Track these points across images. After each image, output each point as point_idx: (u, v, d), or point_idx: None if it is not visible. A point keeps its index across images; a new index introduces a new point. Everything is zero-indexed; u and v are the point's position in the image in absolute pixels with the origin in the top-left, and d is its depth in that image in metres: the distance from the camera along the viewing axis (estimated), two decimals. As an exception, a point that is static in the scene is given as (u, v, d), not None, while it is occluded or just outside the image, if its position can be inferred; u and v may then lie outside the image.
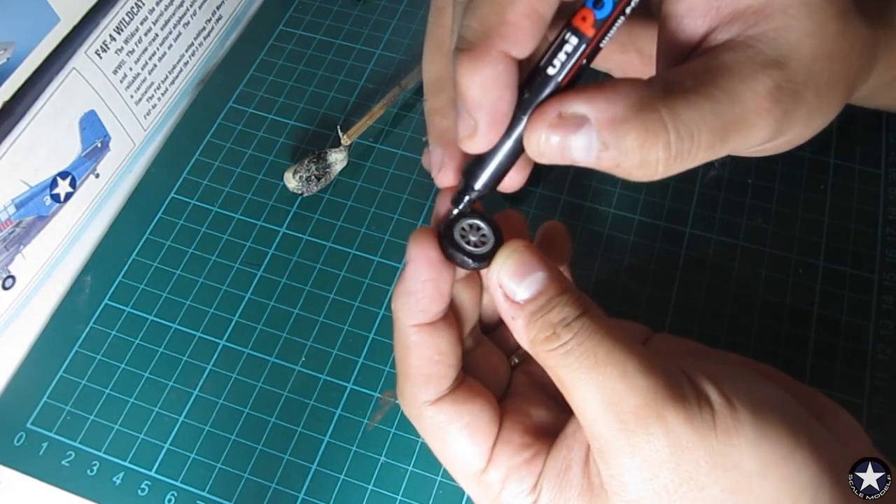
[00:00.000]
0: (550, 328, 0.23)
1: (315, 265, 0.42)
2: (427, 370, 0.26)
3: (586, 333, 0.23)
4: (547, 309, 0.24)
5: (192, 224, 0.43)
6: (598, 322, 0.24)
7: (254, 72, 0.49)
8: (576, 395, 0.23)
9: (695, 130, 0.21)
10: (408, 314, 0.25)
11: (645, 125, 0.21)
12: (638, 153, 0.21)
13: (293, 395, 0.38)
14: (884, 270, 0.40)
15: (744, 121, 0.22)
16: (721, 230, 0.41)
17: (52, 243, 0.41)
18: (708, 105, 0.22)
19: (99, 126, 0.42)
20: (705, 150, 0.22)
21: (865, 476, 0.24)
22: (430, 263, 0.25)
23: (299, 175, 0.43)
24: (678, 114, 0.21)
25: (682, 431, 0.22)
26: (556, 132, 0.22)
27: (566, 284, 0.24)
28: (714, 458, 0.22)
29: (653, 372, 0.23)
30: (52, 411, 0.38)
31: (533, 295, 0.24)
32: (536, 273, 0.24)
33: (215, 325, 0.40)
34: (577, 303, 0.24)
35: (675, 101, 0.21)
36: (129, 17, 0.42)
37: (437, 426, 0.26)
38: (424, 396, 0.26)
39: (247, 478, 0.36)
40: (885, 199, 0.42)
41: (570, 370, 0.23)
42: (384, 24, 0.51)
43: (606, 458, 0.23)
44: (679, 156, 0.21)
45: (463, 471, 0.27)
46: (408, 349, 0.26)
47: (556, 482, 0.25)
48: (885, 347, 0.38)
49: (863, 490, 0.24)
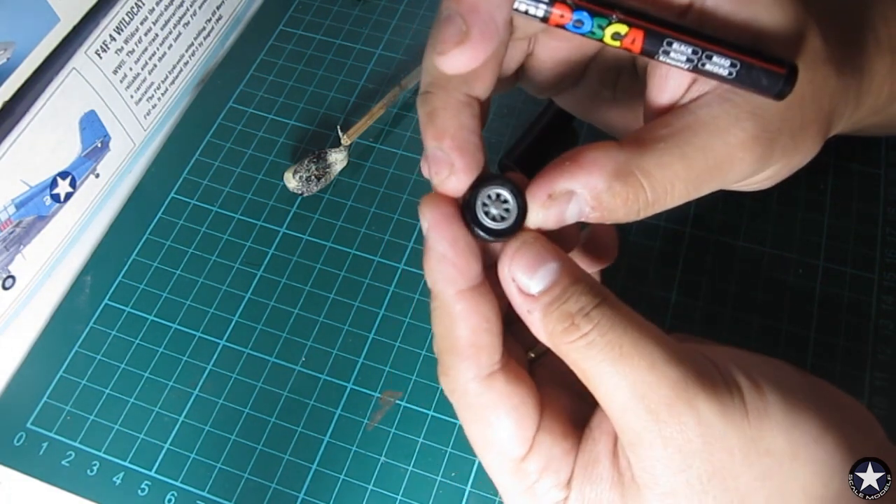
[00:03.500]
0: (569, 318, 0.23)
1: (315, 265, 0.42)
2: (477, 341, 0.24)
3: (608, 323, 0.23)
4: (563, 299, 0.23)
5: (192, 224, 0.43)
6: (619, 310, 0.23)
7: (254, 72, 0.49)
8: (602, 387, 0.23)
9: (668, 186, 0.24)
10: (448, 281, 0.24)
11: (625, 189, 0.24)
12: (622, 210, 0.24)
13: (293, 395, 0.38)
14: (884, 270, 0.40)
15: (716, 169, 0.24)
16: (721, 230, 0.41)
17: (52, 243, 0.41)
18: (680, 163, 0.24)
19: (99, 126, 0.42)
20: (681, 197, 0.25)
21: (865, 476, 0.24)
22: (451, 220, 0.24)
23: (299, 175, 0.43)
24: (652, 175, 0.24)
25: (715, 420, 0.22)
26: (550, 209, 0.24)
27: (581, 273, 0.24)
28: (747, 444, 0.22)
29: (681, 360, 0.23)
30: (52, 411, 0.38)
31: (547, 286, 0.23)
32: (549, 264, 0.24)
33: (215, 325, 0.40)
34: (594, 291, 0.23)
35: (649, 163, 0.24)
36: (129, 17, 0.42)
37: (484, 405, 0.25)
38: (473, 371, 0.25)
39: (247, 478, 0.36)
40: (885, 199, 0.42)
41: (594, 362, 0.23)
42: (384, 24, 0.51)
43: (637, 450, 0.23)
44: (657, 203, 0.24)
45: (501, 455, 0.25)
46: (454, 320, 0.24)
47: (584, 476, 0.25)
48: (885, 347, 0.38)
49: (863, 490, 0.24)
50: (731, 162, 0.24)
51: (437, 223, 0.24)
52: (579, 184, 0.24)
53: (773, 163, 0.26)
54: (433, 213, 0.24)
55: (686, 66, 0.23)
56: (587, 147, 0.24)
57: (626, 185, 0.24)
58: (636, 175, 0.24)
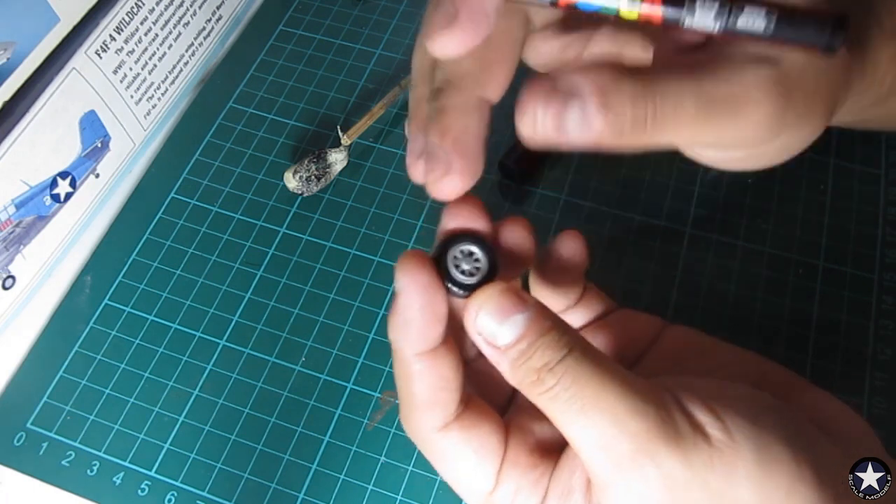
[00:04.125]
0: (535, 373, 0.23)
1: (315, 265, 0.42)
2: (432, 398, 0.25)
3: (571, 377, 0.23)
4: (529, 353, 0.23)
5: (192, 224, 0.43)
6: (584, 363, 0.23)
7: (254, 72, 0.49)
8: (568, 434, 0.23)
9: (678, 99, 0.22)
10: (408, 344, 0.25)
11: (633, 88, 0.22)
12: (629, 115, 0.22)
13: (293, 395, 0.38)
14: (884, 270, 0.40)
15: (732, 104, 0.23)
16: (721, 230, 0.41)
17: (52, 243, 0.41)
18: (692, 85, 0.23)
19: (99, 126, 0.42)
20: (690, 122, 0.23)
21: (865, 476, 0.24)
22: (423, 289, 0.24)
23: (299, 175, 0.43)
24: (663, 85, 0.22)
25: (678, 472, 0.22)
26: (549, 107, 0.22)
27: (548, 323, 0.24)
28: (712, 496, 0.22)
29: (644, 412, 0.22)
30: (52, 411, 0.38)
31: (514, 340, 0.23)
32: (515, 316, 0.23)
33: (215, 325, 0.40)
34: (559, 343, 0.23)
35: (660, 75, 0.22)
36: (129, 17, 0.42)
37: (445, 452, 0.26)
38: (431, 423, 0.26)
39: (247, 478, 0.36)
40: (885, 199, 0.42)
41: (559, 413, 0.23)
42: (384, 24, 0.51)
43: (604, 494, 0.23)
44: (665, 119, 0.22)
45: (471, 493, 0.26)
46: (411, 378, 0.25)
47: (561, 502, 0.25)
48: (885, 347, 0.38)
49: (863, 490, 0.24)
50: (746, 100, 0.23)
51: (408, 288, 0.24)
52: (585, 77, 0.22)
53: (786, 124, 0.24)
54: (405, 278, 0.24)
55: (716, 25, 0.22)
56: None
57: (635, 84, 0.22)
58: (647, 80, 0.22)
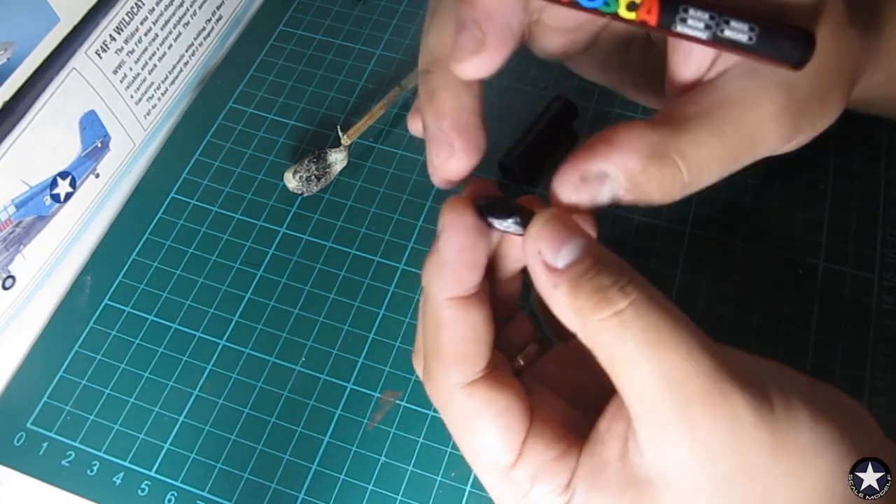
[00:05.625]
0: (601, 292, 0.21)
1: (315, 265, 0.42)
2: (461, 349, 0.24)
3: (645, 303, 0.21)
4: (594, 272, 0.22)
5: (192, 224, 0.43)
6: (654, 291, 0.22)
7: (254, 72, 0.49)
8: (630, 374, 0.21)
9: (704, 165, 0.23)
10: (442, 286, 0.23)
11: (660, 172, 0.23)
12: (657, 193, 0.23)
13: (293, 395, 0.38)
14: (884, 270, 0.40)
15: (750, 144, 0.24)
16: (721, 230, 0.41)
17: (52, 243, 0.41)
18: (715, 141, 0.23)
19: (99, 126, 0.42)
20: (716, 175, 0.24)
21: (865, 476, 0.24)
22: (467, 230, 0.23)
23: (299, 175, 0.43)
24: (688, 155, 0.23)
25: (747, 416, 0.21)
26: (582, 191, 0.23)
27: (609, 253, 0.23)
28: (776, 441, 0.22)
29: (716, 354, 0.22)
30: (52, 411, 0.38)
31: (575, 260, 0.22)
32: (577, 238, 0.22)
33: (215, 325, 0.40)
34: (625, 267, 0.22)
35: (684, 143, 0.23)
36: (129, 17, 0.42)
37: (467, 413, 0.24)
38: (456, 378, 0.24)
39: (247, 478, 0.36)
40: (885, 199, 0.42)
41: (625, 345, 0.21)
42: (384, 24, 0.51)
43: (660, 446, 0.22)
44: (693, 184, 0.24)
45: (490, 464, 0.25)
46: (441, 325, 0.24)
47: (591, 481, 0.24)
48: (885, 347, 0.38)
49: (863, 490, 0.24)
50: (763, 135, 0.24)
51: (452, 227, 0.23)
52: (613, 165, 0.23)
53: (800, 131, 0.25)
54: (450, 217, 0.23)
55: (704, 34, 0.22)
56: (619, 128, 0.23)
57: (663, 166, 0.23)
58: (672, 157, 0.23)
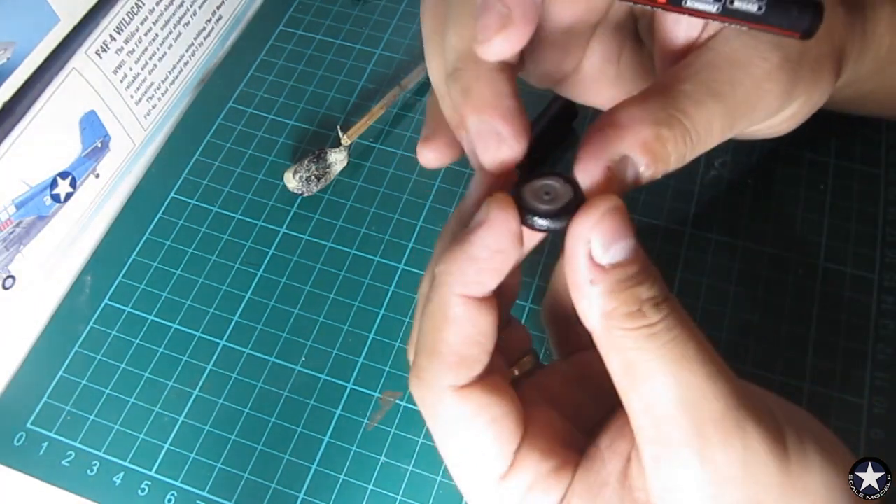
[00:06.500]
0: (637, 303, 0.21)
1: (315, 265, 0.42)
2: (464, 350, 0.22)
3: (676, 319, 0.21)
4: (636, 280, 0.21)
5: (192, 224, 0.43)
6: (684, 314, 0.22)
7: (254, 72, 0.49)
8: (647, 386, 0.21)
9: (707, 124, 0.24)
10: (461, 282, 0.22)
11: (672, 133, 0.23)
12: (673, 156, 0.23)
13: (293, 395, 0.38)
14: (884, 270, 0.40)
15: (747, 102, 0.24)
16: (721, 230, 0.41)
17: (52, 243, 0.41)
18: (713, 100, 0.24)
19: (99, 126, 0.42)
20: (719, 136, 0.24)
21: (865, 476, 0.24)
22: (509, 233, 0.22)
23: (299, 175, 0.43)
24: (692, 114, 0.23)
25: (760, 448, 0.21)
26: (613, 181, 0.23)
27: (652, 264, 0.22)
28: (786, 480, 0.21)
29: (736, 384, 0.21)
30: (52, 411, 0.38)
31: (623, 260, 0.21)
32: (629, 239, 0.21)
33: (215, 325, 0.40)
34: (664, 284, 0.22)
35: (685, 104, 0.23)
36: (129, 17, 0.42)
37: (459, 417, 0.23)
38: (451, 380, 0.23)
39: (247, 478, 0.36)
40: (885, 199, 0.42)
41: (647, 357, 0.21)
42: (384, 24, 0.51)
43: (667, 467, 0.21)
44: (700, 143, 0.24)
45: (480, 473, 0.23)
46: (447, 322, 0.22)
47: (588, 499, 0.23)
48: (885, 347, 0.38)
49: (863, 490, 0.24)
50: (758, 94, 0.24)
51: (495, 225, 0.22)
52: (630, 144, 0.22)
53: (796, 96, 0.25)
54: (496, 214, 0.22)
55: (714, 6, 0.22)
56: (616, 109, 0.23)
57: (673, 128, 0.23)
58: (678, 117, 0.23)
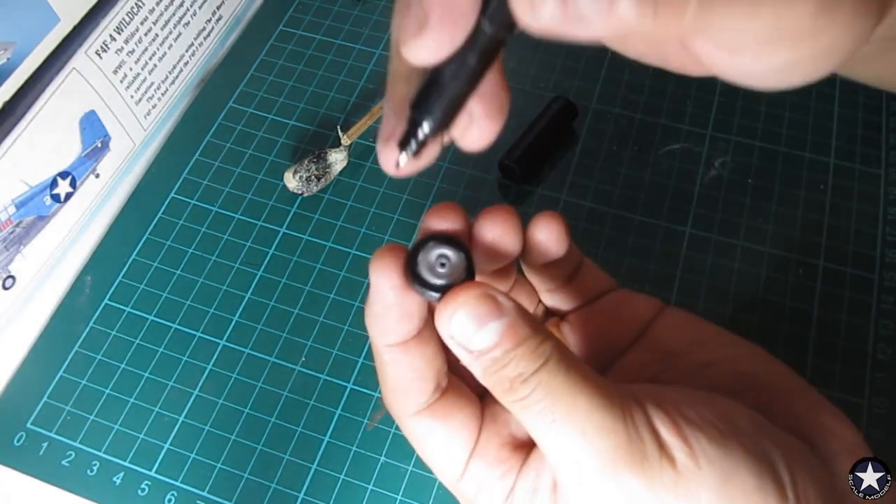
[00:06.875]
0: (508, 382, 0.23)
1: (315, 265, 0.42)
2: (404, 386, 0.26)
3: (544, 389, 0.23)
4: (502, 363, 0.23)
5: (192, 224, 0.43)
6: (559, 374, 0.23)
7: (254, 72, 0.49)
8: (537, 441, 0.23)
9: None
10: (378, 335, 0.25)
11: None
12: None
13: (293, 395, 0.38)
14: (884, 270, 0.40)
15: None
16: (721, 230, 0.41)
17: (52, 243, 0.41)
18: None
19: (99, 126, 0.42)
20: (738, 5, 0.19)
21: (865, 476, 0.24)
22: (392, 289, 0.24)
23: (299, 175, 0.43)
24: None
25: (640, 494, 0.22)
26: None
27: (525, 331, 0.23)
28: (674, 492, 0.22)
29: (613, 430, 0.22)
30: (52, 411, 0.38)
31: (488, 347, 0.23)
32: (491, 324, 0.23)
33: (215, 325, 0.40)
34: (535, 353, 0.23)
35: None
36: (129, 17, 0.42)
37: (418, 438, 0.27)
38: (404, 408, 0.26)
39: (247, 478, 0.36)
40: (885, 199, 0.42)
41: (529, 421, 0.23)
42: (384, 24, 0.51)
43: (569, 501, 0.24)
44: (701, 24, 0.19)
45: (443, 478, 0.27)
46: (383, 366, 0.26)
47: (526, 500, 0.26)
48: (885, 347, 0.38)
49: (863, 490, 0.24)
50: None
51: (379, 285, 0.24)
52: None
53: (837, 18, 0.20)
54: (375, 276, 0.24)
55: None
56: None
57: None
58: None
